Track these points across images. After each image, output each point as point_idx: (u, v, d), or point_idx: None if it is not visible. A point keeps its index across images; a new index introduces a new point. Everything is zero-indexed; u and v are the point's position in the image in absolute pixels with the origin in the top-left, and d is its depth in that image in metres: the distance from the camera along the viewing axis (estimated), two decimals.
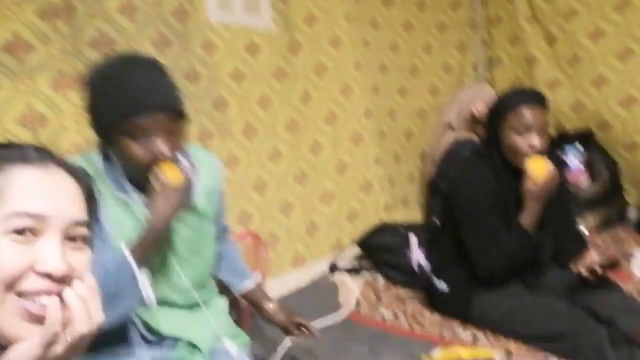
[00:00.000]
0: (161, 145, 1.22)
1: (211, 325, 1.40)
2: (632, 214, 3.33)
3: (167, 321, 1.35)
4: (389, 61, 3.26)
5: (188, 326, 1.36)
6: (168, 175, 1.23)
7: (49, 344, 0.69)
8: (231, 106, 2.56)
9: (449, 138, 2.97)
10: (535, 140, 2.02)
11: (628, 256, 2.27)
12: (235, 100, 2.57)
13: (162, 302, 1.34)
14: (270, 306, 1.71)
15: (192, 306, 1.42)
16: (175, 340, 1.34)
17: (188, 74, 2.40)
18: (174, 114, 1.25)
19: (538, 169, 1.92)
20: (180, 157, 1.28)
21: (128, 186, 1.30)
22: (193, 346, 1.34)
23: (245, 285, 1.70)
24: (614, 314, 1.89)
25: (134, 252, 1.17)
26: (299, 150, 2.82)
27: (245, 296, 1.72)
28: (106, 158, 1.31)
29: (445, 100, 3.52)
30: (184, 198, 1.26)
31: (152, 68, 1.27)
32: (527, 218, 2.01)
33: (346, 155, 3.02)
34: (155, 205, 1.22)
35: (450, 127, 3.00)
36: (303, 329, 1.65)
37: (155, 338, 1.35)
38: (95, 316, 0.73)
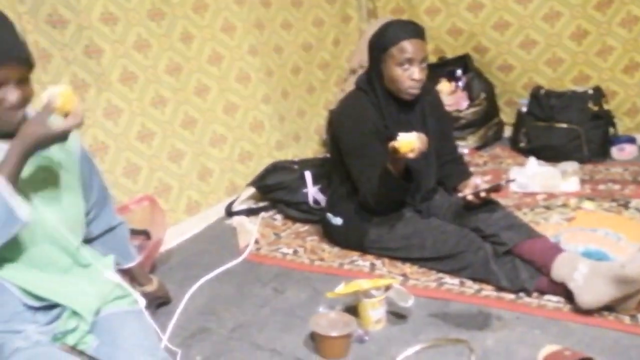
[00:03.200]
0: (11, 94, 1.25)
1: (93, 288, 1.36)
2: (507, 132, 3.55)
3: (46, 285, 1.31)
4: None
5: (68, 292, 1.31)
6: (61, 100, 1.27)
7: None
8: (105, 52, 2.39)
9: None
10: (416, 73, 2.09)
11: (508, 181, 2.43)
12: (109, 46, 2.40)
13: (39, 263, 1.30)
14: (147, 289, 1.88)
15: (71, 268, 1.38)
16: (59, 307, 1.30)
17: (52, 20, 2.20)
18: (23, 63, 1.28)
19: (403, 145, 1.87)
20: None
21: None
22: (76, 313, 1.30)
23: (127, 265, 1.78)
24: (497, 231, 2.04)
25: None
26: (184, 94, 2.71)
27: (125, 271, 1.75)
28: None
29: (328, 31, 3.51)
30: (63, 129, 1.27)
31: None
32: (393, 169, 2.00)
33: (234, 96, 2.94)
34: (30, 122, 1.25)
35: (353, 72, 3.00)
36: None
37: (38, 303, 1.30)
38: None
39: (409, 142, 1.86)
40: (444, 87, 3.42)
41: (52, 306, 1.32)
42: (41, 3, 2.15)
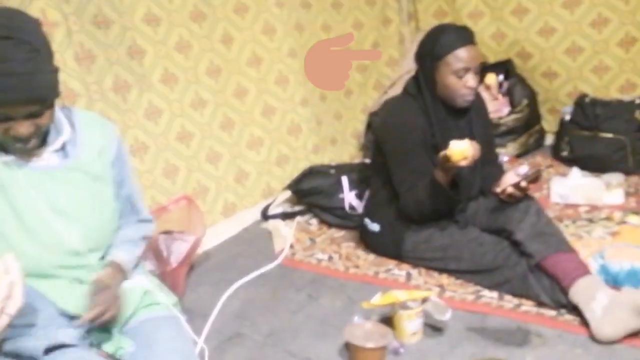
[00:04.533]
0: (20, 126, 1.21)
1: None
2: (548, 140, 3.46)
3: (74, 301, 1.30)
4: None
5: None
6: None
7: None
8: (148, 53, 2.41)
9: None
10: (472, 80, 2.04)
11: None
12: (151, 47, 2.42)
13: (67, 278, 1.30)
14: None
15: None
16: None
17: (97, 21, 2.22)
18: (30, 102, 1.21)
19: (456, 153, 1.84)
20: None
21: None
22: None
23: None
24: (525, 239, 1.96)
25: None
26: (222, 96, 2.72)
27: None
28: None
29: (367, 34, 3.48)
30: None
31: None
32: (442, 178, 1.99)
33: (272, 98, 2.94)
34: None
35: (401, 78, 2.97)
36: None
37: (68, 317, 1.30)
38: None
39: (461, 151, 1.82)
40: (483, 92, 3.35)
41: None
42: (87, 3, 2.18)
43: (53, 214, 1.30)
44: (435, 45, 2.07)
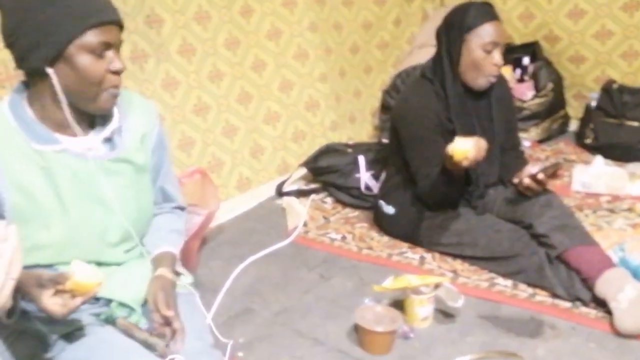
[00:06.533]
0: (117, 60, 1.19)
1: (142, 278, 1.32)
2: (572, 126, 3.38)
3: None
4: None
5: (118, 285, 1.28)
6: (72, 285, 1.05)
7: None
8: (166, 23, 2.37)
9: (414, 57, 2.89)
10: (498, 57, 1.99)
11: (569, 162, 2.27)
12: (169, 16, 2.37)
13: (92, 261, 1.25)
14: None
15: (121, 262, 1.35)
16: (108, 300, 1.28)
17: None
18: (119, 27, 1.21)
19: (458, 153, 1.76)
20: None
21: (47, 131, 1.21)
22: (125, 305, 1.28)
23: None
24: (548, 231, 1.92)
25: None
26: (240, 69, 2.67)
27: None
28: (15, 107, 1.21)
29: (390, 9, 3.40)
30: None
31: None
32: (452, 168, 1.89)
33: (290, 73, 2.89)
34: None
35: (421, 46, 2.91)
36: None
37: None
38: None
39: (463, 151, 1.75)
40: (506, 74, 3.27)
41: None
42: None
43: (96, 205, 1.26)
44: (466, 17, 2.00)
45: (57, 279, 1.04)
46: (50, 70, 1.14)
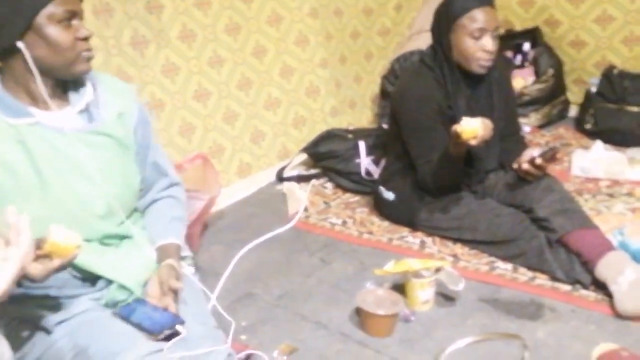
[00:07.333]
0: (84, 29, 1.24)
1: (140, 260, 1.33)
2: (572, 111, 3.38)
3: (92, 259, 1.27)
4: None
5: (114, 265, 1.29)
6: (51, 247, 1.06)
7: None
8: (166, 8, 2.36)
9: (413, 42, 2.88)
10: (489, 43, 1.98)
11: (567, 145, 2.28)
12: (170, 2, 2.36)
13: (88, 237, 1.26)
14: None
15: (120, 241, 1.36)
16: (107, 281, 1.29)
17: None
18: None
19: (466, 131, 1.77)
20: None
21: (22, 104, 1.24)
22: (125, 288, 1.29)
23: (160, 242, 1.46)
24: (549, 215, 1.93)
25: None
26: (241, 54, 2.67)
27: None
28: None
29: None
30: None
31: None
32: (455, 152, 1.92)
33: (291, 59, 2.89)
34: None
35: (420, 31, 2.90)
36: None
37: (81, 275, 1.28)
38: None
39: (472, 129, 1.76)
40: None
41: (98, 277, 1.30)
42: None
43: (78, 178, 1.26)
44: (450, 7, 2.01)
45: (37, 243, 1.05)
46: (21, 44, 1.17)
